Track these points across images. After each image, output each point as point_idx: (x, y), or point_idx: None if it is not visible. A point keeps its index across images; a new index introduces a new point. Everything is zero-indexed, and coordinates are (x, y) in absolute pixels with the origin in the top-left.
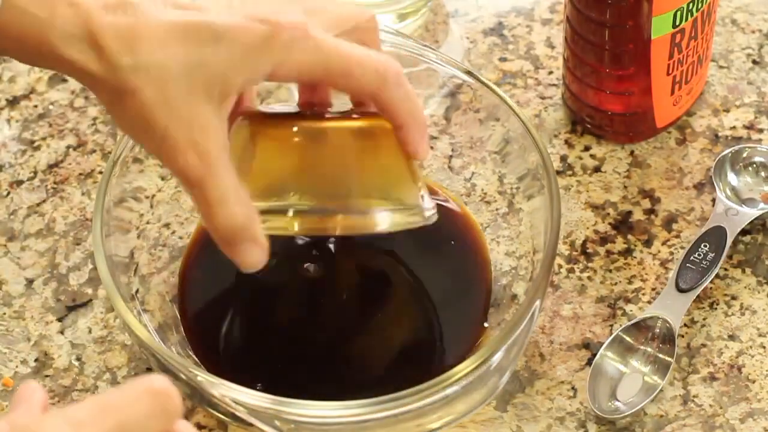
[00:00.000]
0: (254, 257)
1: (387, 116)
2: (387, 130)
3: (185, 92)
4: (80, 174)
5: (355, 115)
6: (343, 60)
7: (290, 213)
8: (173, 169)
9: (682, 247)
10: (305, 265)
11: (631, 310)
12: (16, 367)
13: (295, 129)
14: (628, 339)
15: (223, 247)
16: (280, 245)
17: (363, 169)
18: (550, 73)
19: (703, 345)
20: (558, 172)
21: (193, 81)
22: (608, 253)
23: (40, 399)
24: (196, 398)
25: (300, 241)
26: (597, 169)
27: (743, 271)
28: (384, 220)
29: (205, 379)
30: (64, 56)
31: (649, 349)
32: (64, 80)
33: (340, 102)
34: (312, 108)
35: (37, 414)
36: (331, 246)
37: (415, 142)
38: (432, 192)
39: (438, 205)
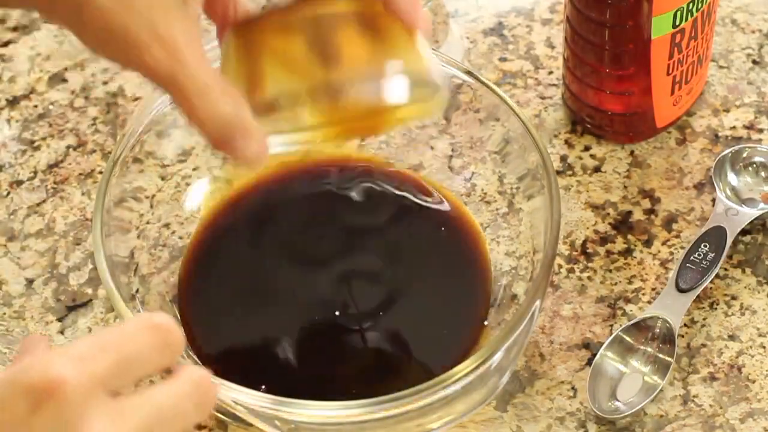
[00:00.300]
0: (253, 150)
1: None
2: (380, 11)
3: None
4: (80, 174)
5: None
6: None
7: (301, 108)
8: (144, 72)
9: (682, 247)
10: (305, 263)
11: (631, 310)
12: None
13: (284, 25)
14: (628, 339)
15: (217, 146)
16: (281, 245)
17: (367, 51)
18: (550, 73)
19: (703, 345)
20: (558, 172)
21: None
22: (608, 253)
23: (44, 349)
24: None
25: (300, 240)
26: (597, 169)
27: (743, 271)
28: (398, 93)
29: None
30: None
31: (649, 349)
32: (64, 80)
33: None
34: None
35: (40, 355)
36: (332, 246)
37: (411, 8)
38: (431, 192)
39: (437, 205)
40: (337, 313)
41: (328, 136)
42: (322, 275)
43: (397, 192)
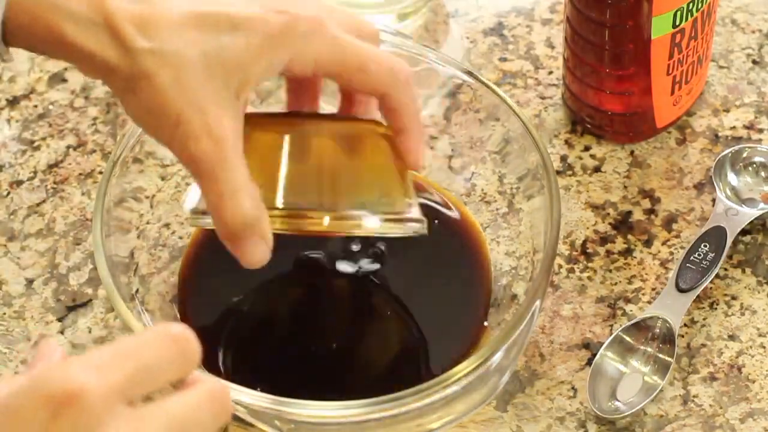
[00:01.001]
0: (260, 254)
1: (392, 118)
2: (381, 134)
3: (202, 79)
4: (80, 174)
5: (347, 118)
6: (360, 55)
7: (278, 210)
8: (185, 158)
9: (682, 247)
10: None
11: (631, 310)
12: (16, 367)
13: (286, 128)
14: (628, 339)
15: (229, 241)
16: (282, 245)
17: (354, 170)
18: (550, 73)
19: (703, 345)
20: (558, 172)
21: (211, 68)
22: (608, 253)
23: (59, 357)
24: None
25: (300, 240)
26: (597, 169)
27: (743, 271)
28: (372, 223)
29: None
30: (76, 43)
31: (649, 349)
32: (64, 80)
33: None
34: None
35: (58, 362)
36: (332, 246)
37: (415, 148)
38: (431, 192)
39: (437, 205)
40: (337, 313)
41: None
42: (322, 275)
43: None
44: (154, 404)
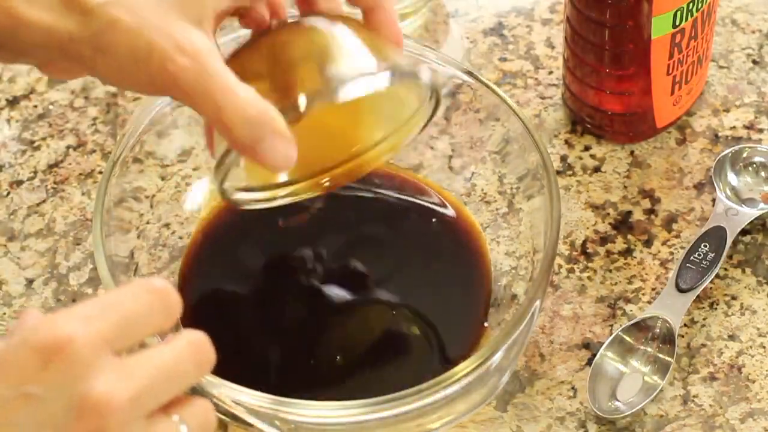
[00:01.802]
0: (282, 151)
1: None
2: (355, 21)
3: (161, 14)
4: (80, 174)
5: (317, 18)
6: None
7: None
8: (168, 84)
9: (682, 247)
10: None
11: (631, 310)
12: None
13: (261, 49)
14: (628, 339)
15: (246, 149)
16: (281, 245)
17: (344, 52)
18: (550, 73)
19: (703, 345)
20: (558, 172)
21: (165, 5)
22: (608, 253)
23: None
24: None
25: (300, 240)
26: (597, 169)
27: (743, 271)
28: (378, 79)
29: (204, 378)
30: (33, 20)
31: (649, 349)
32: (64, 80)
33: None
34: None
35: (45, 316)
36: (332, 246)
37: (391, 21)
38: (431, 193)
39: (437, 205)
40: (337, 313)
41: (308, 187)
42: (322, 275)
43: (397, 193)
44: (139, 354)
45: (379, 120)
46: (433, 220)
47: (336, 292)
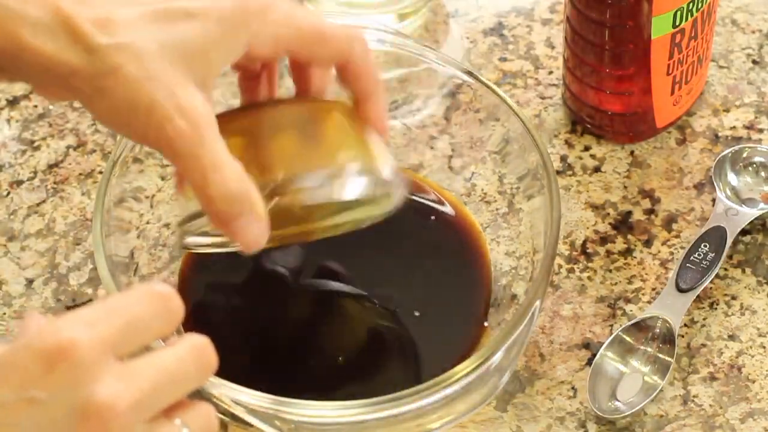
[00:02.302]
0: (255, 232)
1: (354, 86)
2: (345, 108)
3: (167, 68)
4: (80, 174)
5: (307, 100)
6: (316, 25)
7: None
8: (163, 141)
9: (682, 247)
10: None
11: (631, 310)
12: None
13: (248, 122)
14: (628, 339)
15: (222, 223)
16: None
17: (323, 145)
18: (550, 73)
19: (703, 345)
20: (558, 172)
21: (173, 57)
22: (608, 253)
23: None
24: (195, 398)
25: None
26: (597, 169)
27: (743, 271)
28: (348, 190)
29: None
30: (36, 48)
31: (649, 349)
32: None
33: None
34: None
35: (49, 320)
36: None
37: (381, 113)
38: (431, 193)
39: (437, 205)
40: (337, 313)
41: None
42: (321, 276)
43: None
44: (142, 358)
45: (346, 207)
46: (433, 219)
47: (336, 292)
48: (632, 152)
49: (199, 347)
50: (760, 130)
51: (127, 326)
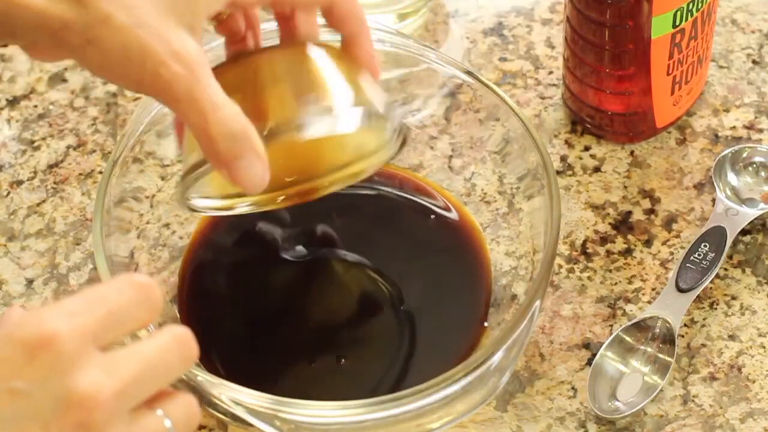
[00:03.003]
0: (257, 172)
1: (341, 26)
2: (334, 51)
3: (157, 15)
4: (80, 174)
5: (294, 45)
6: None
7: None
8: (160, 87)
9: (682, 247)
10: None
11: (631, 310)
12: None
13: (238, 69)
14: (628, 339)
15: (223, 164)
16: (281, 245)
17: (315, 87)
18: (550, 73)
19: (703, 345)
20: (558, 172)
21: (160, 4)
22: (608, 253)
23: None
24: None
25: (300, 240)
26: (597, 169)
27: (743, 271)
28: (344, 122)
29: (204, 379)
30: (26, 4)
31: (649, 349)
32: (64, 80)
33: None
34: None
35: (30, 311)
36: (332, 246)
37: (369, 52)
38: (431, 193)
39: (437, 206)
40: (337, 313)
41: (266, 201)
42: (321, 275)
43: (397, 193)
44: (124, 349)
45: (344, 149)
46: (433, 220)
47: (337, 292)
48: (632, 152)
49: (181, 337)
50: (760, 130)
51: (109, 316)
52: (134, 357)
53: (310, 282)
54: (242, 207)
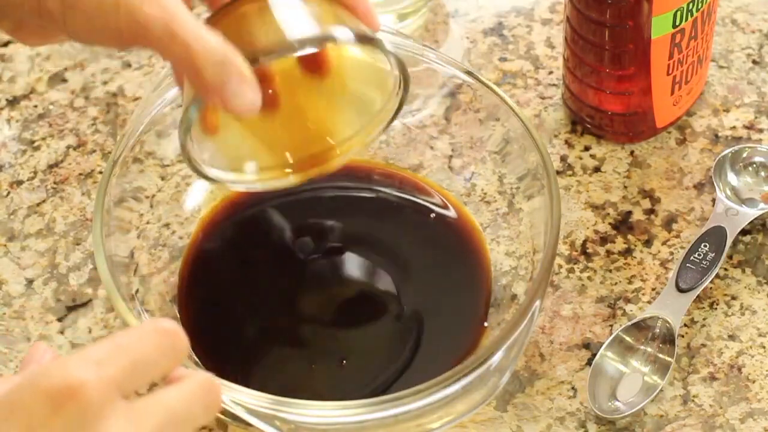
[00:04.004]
0: (249, 94)
1: None
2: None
3: None
4: (80, 174)
5: None
6: None
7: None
8: (138, 34)
9: (682, 247)
10: (305, 263)
11: (631, 310)
12: (16, 367)
13: (224, 20)
14: (628, 339)
15: (214, 92)
16: (281, 245)
17: (307, 20)
18: (550, 73)
19: (703, 345)
20: (558, 172)
21: None
22: (608, 253)
23: (50, 358)
24: None
25: (300, 240)
26: (597, 169)
27: (743, 271)
28: (338, 33)
29: None
30: None
31: (649, 349)
32: (64, 80)
33: None
34: None
35: (55, 359)
36: (332, 246)
37: (366, 5)
38: (431, 193)
39: (437, 206)
40: (337, 313)
41: (277, 175)
42: (322, 275)
43: (397, 193)
44: (150, 397)
45: (349, 116)
46: (433, 220)
47: (337, 293)
48: (632, 152)
49: (206, 385)
50: (760, 130)
51: (134, 365)
52: (159, 407)
53: (310, 282)
54: (248, 181)
